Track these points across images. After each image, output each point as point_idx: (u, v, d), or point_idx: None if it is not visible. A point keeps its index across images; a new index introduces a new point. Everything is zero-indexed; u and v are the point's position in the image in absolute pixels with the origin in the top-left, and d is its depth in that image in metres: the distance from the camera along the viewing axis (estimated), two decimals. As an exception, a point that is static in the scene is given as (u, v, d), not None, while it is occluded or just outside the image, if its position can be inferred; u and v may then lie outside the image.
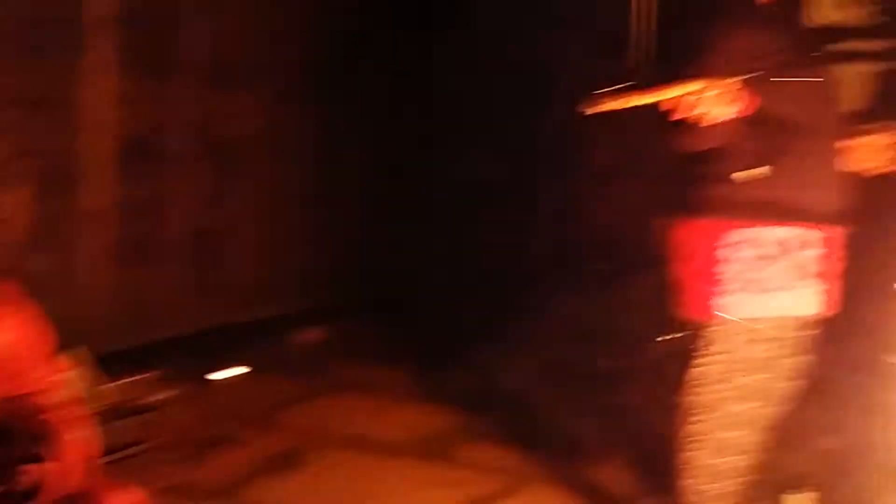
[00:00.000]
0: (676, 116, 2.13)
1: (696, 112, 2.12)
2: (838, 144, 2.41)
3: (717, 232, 2.34)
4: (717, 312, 2.38)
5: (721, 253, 2.35)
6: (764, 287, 2.34)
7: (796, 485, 2.99)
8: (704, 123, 2.15)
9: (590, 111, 2.11)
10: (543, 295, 4.76)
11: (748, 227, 2.31)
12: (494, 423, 3.62)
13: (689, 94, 2.10)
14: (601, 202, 4.41)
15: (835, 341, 2.70)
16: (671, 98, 2.10)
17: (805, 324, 2.44)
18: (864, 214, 2.32)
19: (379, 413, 3.76)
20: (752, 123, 2.26)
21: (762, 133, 2.29)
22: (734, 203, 2.30)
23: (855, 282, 2.45)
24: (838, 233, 2.39)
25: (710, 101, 2.11)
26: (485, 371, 4.19)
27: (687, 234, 2.40)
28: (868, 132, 2.44)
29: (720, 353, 2.41)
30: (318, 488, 3.05)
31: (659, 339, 2.66)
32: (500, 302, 4.68)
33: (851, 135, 2.44)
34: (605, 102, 2.10)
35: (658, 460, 2.63)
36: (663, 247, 2.49)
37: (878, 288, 2.59)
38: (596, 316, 4.50)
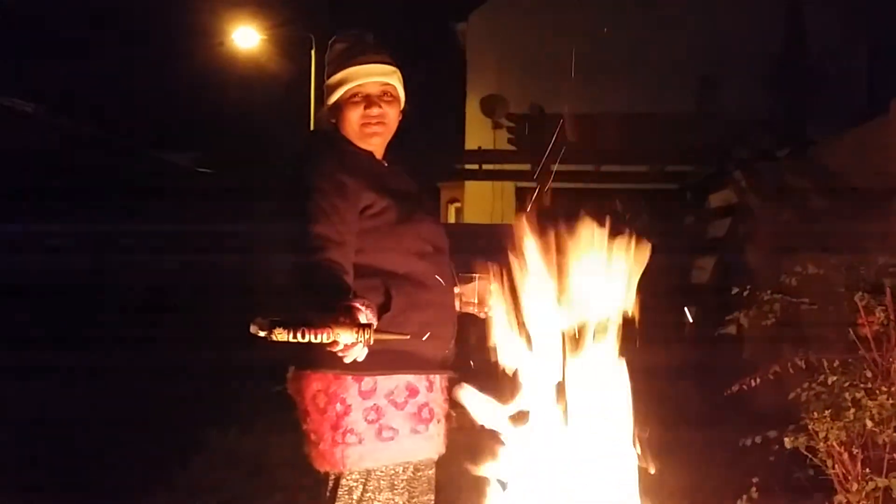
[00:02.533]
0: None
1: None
2: (454, 293, 2.56)
3: (344, 382, 2.35)
4: (349, 462, 2.38)
5: (348, 403, 2.36)
6: (391, 434, 2.37)
7: None
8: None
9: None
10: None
11: (373, 376, 2.35)
12: None
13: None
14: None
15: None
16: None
17: (428, 464, 2.52)
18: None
19: None
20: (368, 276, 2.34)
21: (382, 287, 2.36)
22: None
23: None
24: (448, 376, 2.50)
25: None
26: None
27: (317, 386, 2.39)
28: (472, 279, 2.60)
29: (357, 502, 2.40)
30: None
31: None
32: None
33: (461, 281, 2.59)
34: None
35: None
36: (299, 401, 2.46)
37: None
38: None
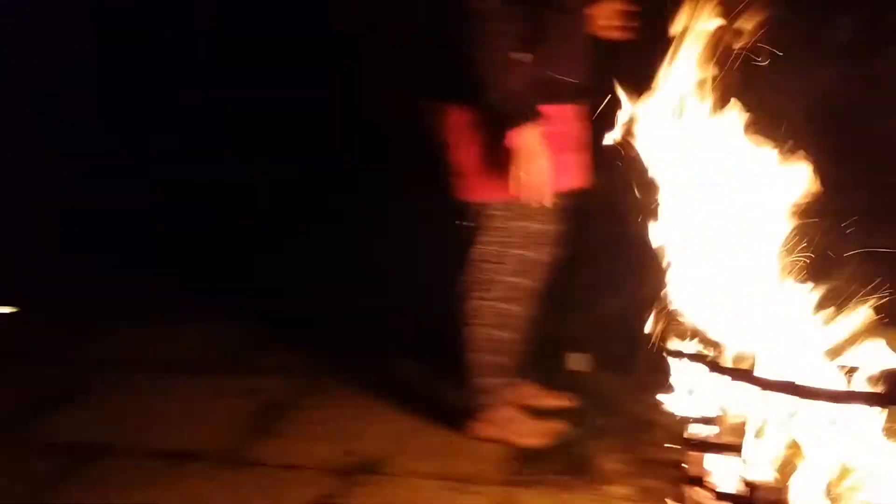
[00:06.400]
0: None
1: None
2: (586, 16, 2.50)
3: (486, 115, 2.38)
4: (491, 192, 2.45)
5: (494, 136, 2.39)
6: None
7: (576, 345, 3.20)
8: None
9: None
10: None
11: None
12: (284, 331, 3.58)
13: None
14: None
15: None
16: None
17: (569, 195, 2.57)
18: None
19: (157, 334, 3.67)
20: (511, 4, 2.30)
21: (524, 14, 2.33)
22: None
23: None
24: (586, 107, 2.45)
25: None
26: (270, 282, 4.11)
27: (462, 119, 2.42)
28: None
29: (496, 230, 2.48)
30: (105, 412, 2.96)
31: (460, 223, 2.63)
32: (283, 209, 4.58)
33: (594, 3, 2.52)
34: None
35: (451, 344, 2.67)
36: (442, 133, 2.50)
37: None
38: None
